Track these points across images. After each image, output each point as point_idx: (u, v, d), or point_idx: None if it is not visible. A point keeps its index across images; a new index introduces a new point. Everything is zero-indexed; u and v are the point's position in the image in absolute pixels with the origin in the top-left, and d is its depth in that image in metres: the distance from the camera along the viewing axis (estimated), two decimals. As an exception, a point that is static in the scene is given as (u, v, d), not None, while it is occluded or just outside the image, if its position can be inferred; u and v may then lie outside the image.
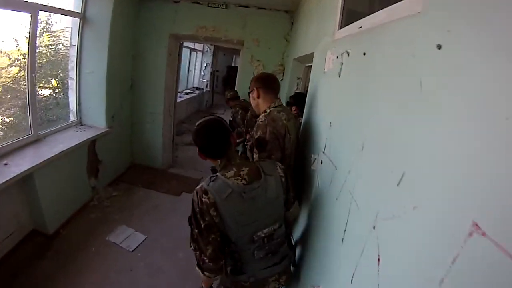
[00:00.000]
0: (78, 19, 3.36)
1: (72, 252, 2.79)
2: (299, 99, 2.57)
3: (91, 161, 3.58)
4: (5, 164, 2.37)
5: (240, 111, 3.66)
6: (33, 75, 2.76)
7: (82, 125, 3.74)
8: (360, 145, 0.90)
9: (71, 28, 3.42)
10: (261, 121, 1.62)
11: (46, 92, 3.47)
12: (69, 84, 3.61)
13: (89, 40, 3.49)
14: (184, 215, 1.29)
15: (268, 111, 1.66)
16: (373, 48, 0.95)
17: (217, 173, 1.16)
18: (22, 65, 2.80)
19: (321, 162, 1.37)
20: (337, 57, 1.35)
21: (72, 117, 3.71)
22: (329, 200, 1.18)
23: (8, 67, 2.79)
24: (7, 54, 2.76)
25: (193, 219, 1.14)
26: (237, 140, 2.95)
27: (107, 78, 3.60)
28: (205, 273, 1.18)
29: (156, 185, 4.20)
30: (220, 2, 3.89)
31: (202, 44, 9.76)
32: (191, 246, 1.18)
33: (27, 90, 2.77)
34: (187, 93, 8.35)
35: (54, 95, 3.58)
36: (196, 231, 1.13)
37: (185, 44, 8.03)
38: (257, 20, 3.91)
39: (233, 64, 13.03)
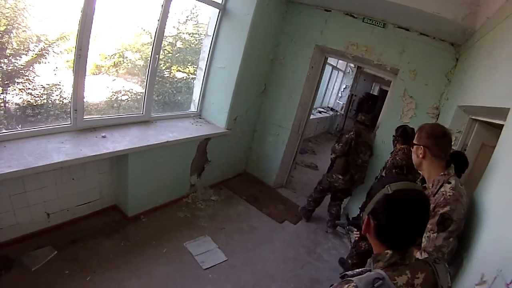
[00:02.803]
0: (217, 10, 3.22)
1: (142, 243, 2.49)
2: (456, 159, 1.68)
3: (199, 159, 3.31)
4: (103, 136, 2.18)
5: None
6: (157, 56, 2.63)
7: (200, 118, 3.56)
8: None
9: (209, 17, 3.30)
10: (450, 194, 1.34)
11: (180, 75, 3.47)
12: (197, 74, 3.52)
13: (225, 33, 3.30)
14: (280, 249, 1.30)
15: (451, 182, 1.38)
16: None
17: (383, 274, 0.79)
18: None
19: None
20: None
21: (193, 108, 3.62)
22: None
23: (149, 45, 2.74)
24: (149, 32, 2.72)
25: None
26: None
27: (238, 77, 3.31)
28: None
29: (260, 203, 3.63)
30: (379, 19, 3.14)
31: (344, 64, 9.00)
32: None
33: (147, 69, 2.64)
34: (320, 112, 7.66)
35: (188, 80, 3.55)
36: None
37: (328, 60, 7.55)
38: (417, 49, 3.06)
39: (371, 92, 12.37)
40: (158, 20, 2.58)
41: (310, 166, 5.39)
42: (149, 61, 2.68)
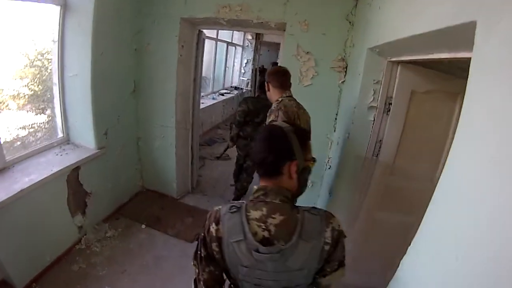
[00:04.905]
0: (59, 7, 2.46)
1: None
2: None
3: (74, 194, 2.66)
4: None
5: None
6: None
7: (69, 143, 2.85)
8: None
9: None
10: (274, 107, 1.91)
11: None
12: (54, 91, 2.74)
13: (71, 33, 2.56)
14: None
15: (280, 99, 1.95)
16: None
17: (242, 205, 0.92)
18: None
19: None
20: None
21: (60, 133, 2.85)
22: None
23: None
24: None
25: (199, 240, 0.97)
26: None
27: (93, 82, 2.64)
28: None
29: (163, 224, 3.18)
30: (250, -32, 2.67)
31: (241, 37, 8.74)
32: (193, 262, 1.00)
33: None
34: (222, 94, 7.32)
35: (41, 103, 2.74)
36: (199, 253, 0.97)
37: (220, 37, 7.13)
38: (305, -6, 2.64)
39: (278, 61, 11.85)
40: None
41: (221, 158, 5.12)
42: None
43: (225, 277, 1.01)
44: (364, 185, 2.14)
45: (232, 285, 1.01)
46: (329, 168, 2.83)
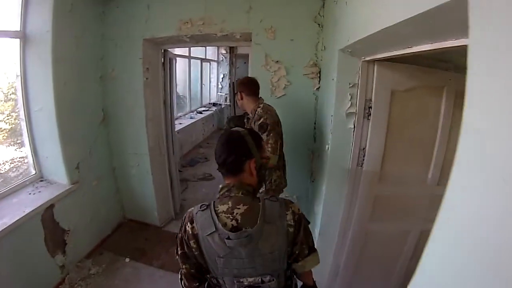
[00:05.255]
0: (18, 40, 2.31)
1: None
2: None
3: (51, 234, 2.45)
4: None
5: None
6: None
7: (42, 180, 2.65)
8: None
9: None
10: (260, 111, 2.00)
11: None
12: (22, 127, 2.56)
13: (32, 66, 2.39)
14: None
15: (261, 105, 2.06)
16: None
17: (212, 202, 1.04)
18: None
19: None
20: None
21: (32, 170, 2.65)
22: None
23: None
24: None
25: (178, 239, 1.08)
26: None
27: (58, 115, 2.45)
28: None
29: (148, 255, 2.95)
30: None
31: (216, 52, 8.62)
32: (176, 257, 1.11)
33: None
34: (200, 112, 7.11)
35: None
36: (178, 250, 1.09)
37: (193, 54, 6.95)
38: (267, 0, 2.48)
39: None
40: None
41: (204, 178, 4.87)
42: None
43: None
44: (352, 197, 1.96)
45: (215, 285, 1.09)
46: (312, 182, 2.65)
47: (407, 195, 1.93)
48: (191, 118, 6.47)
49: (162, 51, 3.05)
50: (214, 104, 8.25)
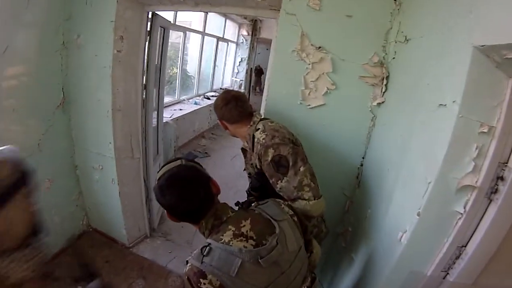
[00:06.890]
0: None
1: None
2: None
3: None
4: None
5: None
6: None
7: None
8: None
9: None
10: (262, 138, 1.28)
11: None
12: None
13: None
14: None
15: (259, 127, 1.34)
16: None
17: (208, 241, 0.85)
18: None
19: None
20: None
21: None
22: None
23: None
24: None
25: None
26: None
27: None
28: None
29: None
30: None
31: (236, 32, 7.67)
32: None
33: None
34: (208, 98, 6.21)
35: None
36: None
37: (208, 30, 5.97)
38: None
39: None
40: None
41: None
42: None
43: None
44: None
45: None
46: (343, 247, 1.74)
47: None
48: (195, 103, 5.59)
49: (149, 14, 2.13)
50: (226, 91, 7.36)
